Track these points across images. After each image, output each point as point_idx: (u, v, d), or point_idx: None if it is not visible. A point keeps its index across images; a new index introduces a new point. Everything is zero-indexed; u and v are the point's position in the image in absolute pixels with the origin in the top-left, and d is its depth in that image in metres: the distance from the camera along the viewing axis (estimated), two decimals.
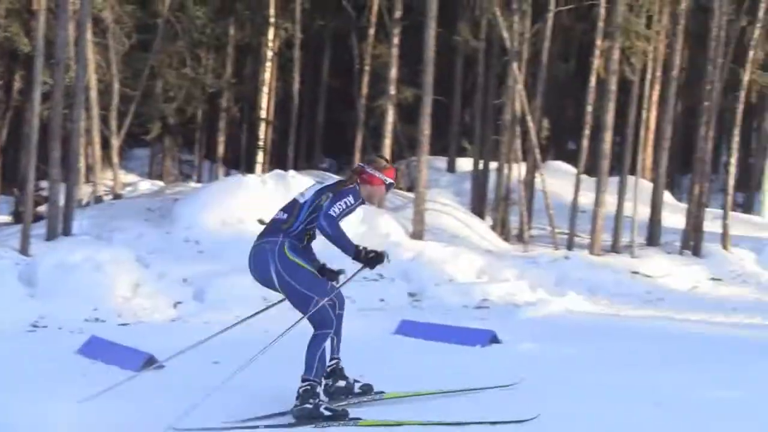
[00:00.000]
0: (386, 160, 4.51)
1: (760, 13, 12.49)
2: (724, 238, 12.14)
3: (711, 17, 12.18)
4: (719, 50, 12.08)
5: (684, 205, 13.12)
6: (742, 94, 12.60)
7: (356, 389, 4.50)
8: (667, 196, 13.45)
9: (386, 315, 7.51)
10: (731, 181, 12.77)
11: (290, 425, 4.10)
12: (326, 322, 4.17)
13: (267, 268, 4.20)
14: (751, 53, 12.63)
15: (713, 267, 11.25)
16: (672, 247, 12.06)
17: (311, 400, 4.13)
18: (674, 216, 13.03)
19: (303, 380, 4.14)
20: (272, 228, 4.31)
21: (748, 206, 16.26)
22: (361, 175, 4.35)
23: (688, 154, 14.30)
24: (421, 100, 11.17)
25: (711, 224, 12.49)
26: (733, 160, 12.89)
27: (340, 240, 4.13)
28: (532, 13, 12.65)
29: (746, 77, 12.57)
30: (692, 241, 11.97)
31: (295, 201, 4.36)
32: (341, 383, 4.48)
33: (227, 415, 4.09)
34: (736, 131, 12.62)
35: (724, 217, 12.29)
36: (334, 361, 4.43)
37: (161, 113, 15.76)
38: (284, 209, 4.35)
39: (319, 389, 4.22)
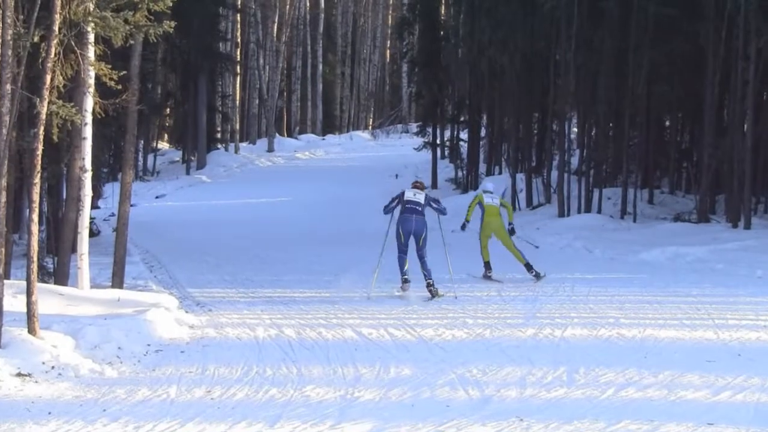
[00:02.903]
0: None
1: None
2: (31, 320, 12.51)
3: None
4: None
5: None
6: None
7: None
8: None
9: None
10: (35, 245, 13.30)
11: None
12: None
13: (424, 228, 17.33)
14: None
15: (17, 358, 11.53)
16: None
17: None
18: None
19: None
20: (418, 209, 17.31)
21: (61, 274, 17.11)
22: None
23: None
24: None
25: (12, 301, 12.82)
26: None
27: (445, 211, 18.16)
28: None
29: None
30: None
31: (420, 200, 17.41)
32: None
33: None
34: None
35: (29, 292, 12.65)
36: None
37: None
38: (417, 203, 17.32)
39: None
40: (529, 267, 19.04)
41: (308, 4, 66.77)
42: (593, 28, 29.86)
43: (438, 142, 42.65)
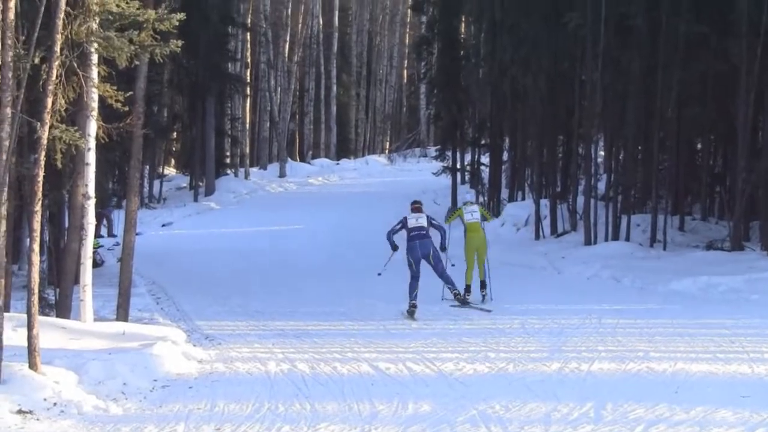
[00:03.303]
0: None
1: None
2: (32, 355, 12.59)
3: None
4: None
5: None
6: None
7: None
8: None
9: None
10: (36, 276, 13.38)
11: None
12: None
13: (431, 247, 19.28)
14: None
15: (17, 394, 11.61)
16: None
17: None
18: None
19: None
20: (422, 233, 19.30)
21: (63, 307, 17.20)
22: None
23: None
24: None
25: (12, 335, 12.90)
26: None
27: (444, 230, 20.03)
28: None
29: None
30: None
31: (423, 224, 19.43)
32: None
33: None
34: None
35: (30, 326, 12.73)
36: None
37: None
38: (421, 227, 19.34)
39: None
40: (483, 285, 20.50)
41: (321, 23, 67.01)
42: (621, 48, 29.86)
43: (458, 166, 42.70)
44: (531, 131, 36.10)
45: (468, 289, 20.61)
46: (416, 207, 19.88)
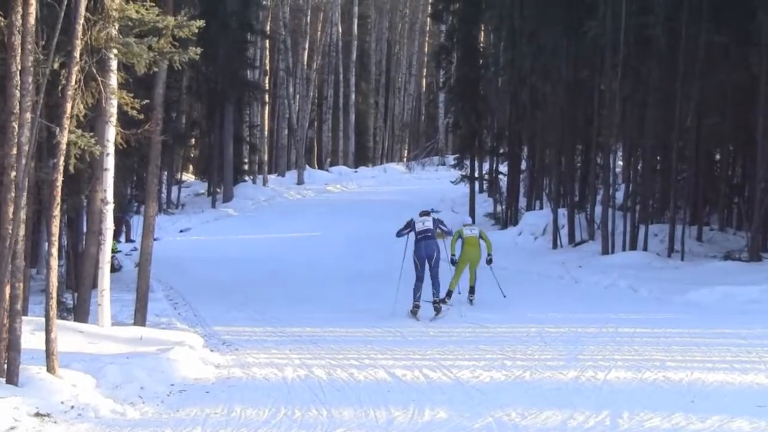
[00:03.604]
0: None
1: None
2: (50, 358, 12.65)
3: None
4: None
5: None
6: None
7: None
8: None
9: None
10: (54, 280, 13.45)
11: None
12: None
13: (435, 250, 20.40)
14: None
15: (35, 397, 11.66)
16: None
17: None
18: None
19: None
20: (428, 234, 20.47)
21: (81, 311, 17.28)
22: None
23: None
24: None
25: (30, 338, 12.97)
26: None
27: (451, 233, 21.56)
28: None
29: None
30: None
31: (429, 227, 20.60)
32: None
33: None
34: None
35: (48, 329, 12.79)
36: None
37: None
38: (427, 230, 20.51)
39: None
40: (472, 290, 21.97)
41: (340, 30, 67.12)
42: (640, 57, 29.87)
43: (476, 175, 42.72)
44: (549, 140, 36.08)
45: (449, 294, 21.65)
46: (424, 213, 21.25)
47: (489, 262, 22.07)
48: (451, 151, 63.93)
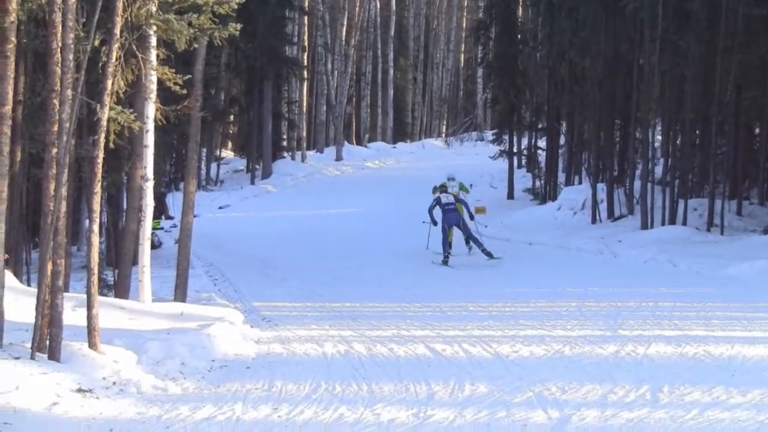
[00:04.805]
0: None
1: None
2: (91, 334, 12.71)
3: None
4: None
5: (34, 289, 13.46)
6: None
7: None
8: (10, 279, 13.67)
9: None
10: (95, 256, 13.51)
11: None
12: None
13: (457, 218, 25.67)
14: None
15: (77, 373, 11.71)
16: (21, 349, 12.24)
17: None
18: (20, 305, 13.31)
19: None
20: (451, 207, 25.64)
21: (121, 287, 17.38)
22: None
23: None
24: None
25: (72, 314, 13.03)
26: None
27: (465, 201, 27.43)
28: None
29: None
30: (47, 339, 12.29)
31: (452, 200, 25.91)
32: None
33: None
34: None
35: (90, 305, 12.84)
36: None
37: None
38: (450, 203, 25.70)
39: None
40: (467, 242, 26.28)
41: (379, 6, 67.03)
42: (679, 31, 29.63)
43: (515, 150, 42.60)
44: (588, 115, 35.92)
45: (450, 245, 25.27)
46: (443, 189, 26.78)
47: (471, 218, 26.52)
48: (490, 126, 63.77)
